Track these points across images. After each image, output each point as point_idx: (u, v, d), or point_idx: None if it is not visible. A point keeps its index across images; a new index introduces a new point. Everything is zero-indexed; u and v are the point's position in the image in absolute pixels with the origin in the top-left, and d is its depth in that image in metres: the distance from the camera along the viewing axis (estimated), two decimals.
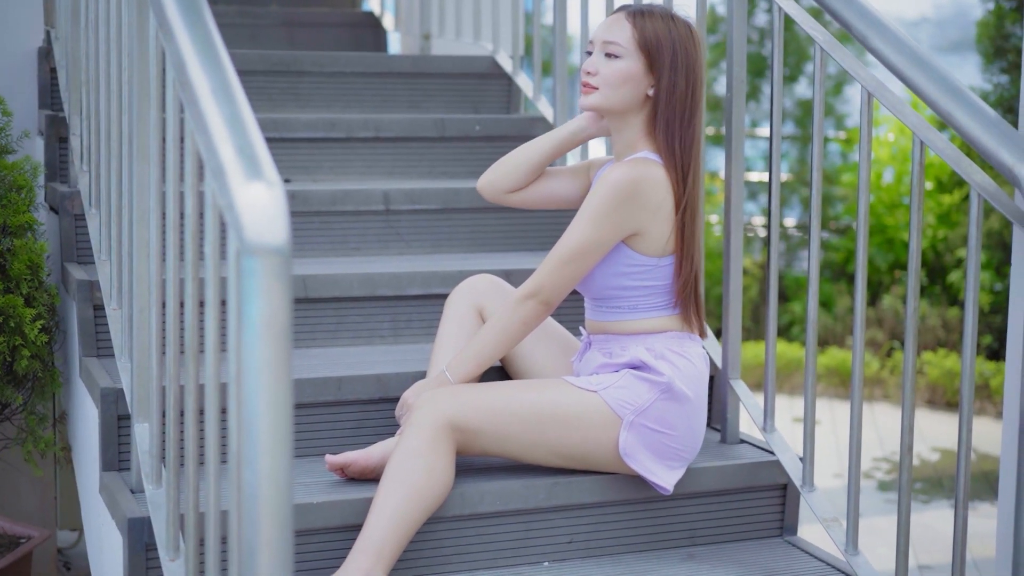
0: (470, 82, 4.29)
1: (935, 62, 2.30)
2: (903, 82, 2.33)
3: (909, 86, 2.31)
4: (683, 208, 2.70)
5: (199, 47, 2.00)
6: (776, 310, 2.91)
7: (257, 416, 1.71)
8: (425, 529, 2.64)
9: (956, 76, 2.25)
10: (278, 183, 1.75)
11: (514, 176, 2.91)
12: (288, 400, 1.72)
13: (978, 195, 2.24)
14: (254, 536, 1.72)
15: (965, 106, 2.21)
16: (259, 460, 1.71)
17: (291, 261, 1.71)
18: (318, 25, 5.57)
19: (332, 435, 2.91)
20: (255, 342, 1.69)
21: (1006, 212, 2.17)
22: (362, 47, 5.55)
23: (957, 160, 2.28)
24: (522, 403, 2.65)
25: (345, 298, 3.22)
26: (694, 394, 2.70)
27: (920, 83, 2.30)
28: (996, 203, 2.19)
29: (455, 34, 4.81)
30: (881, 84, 2.49)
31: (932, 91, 2.27)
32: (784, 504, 2.93)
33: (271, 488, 1.72)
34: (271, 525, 1.72)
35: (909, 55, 2.34)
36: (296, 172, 3.80)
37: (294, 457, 2.81)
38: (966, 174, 2.25)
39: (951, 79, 2.27)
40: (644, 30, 2.69)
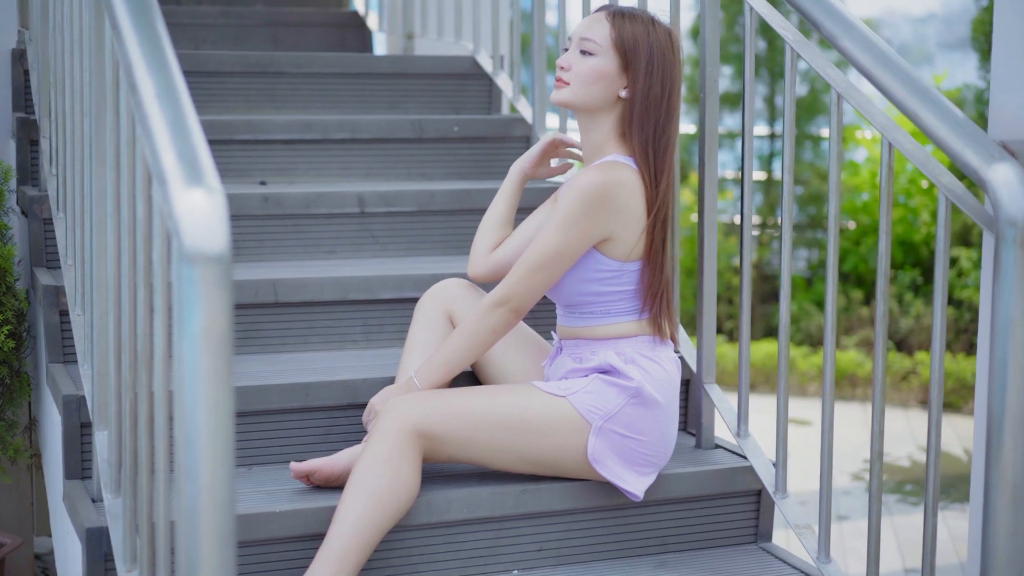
0: (450, 82, 4.25)
1: (902, 62, 2.26)
2: (871, 82, 2.29)
3: (876, 86, 2.27)
4: (655, 212, 2.66)
5: (146, 49, 1.97)
6: (750, 313, 2.87)
7: (197, 427, 1.67)
8: (392, 537, 2.60)
9: (924, 76, 2.20)
10: (219, 190, 1.71)
11: (480, 239, 2.94)
12: (228, 410, 1.68)
13: (945, 198, 2.20)
14: (195, 550, 1.69)
15: (932, 107, 2.17)
16: (199, 472, 1.68)
17: (231, 268, 1.67)
18: (302, 25, 5.53)
19: (300, 441, 2.87)
20: (194, 351, 1.65)
21: (973, 215, 2.13)
22: (347, 47, 5.50)
23: (924, 162, 2.24)
24: (489, 409, 2.61)
25: (316, 302, 3.18)
26: (665, 399, 2.66)
27: (887, 83, 2.26)
28: (963, 206, 2.15)
29: (437, 34, 4.77)
30: (851, 84, 2.44)
31: (899, 91, 2.23)
32: (759, 510, 2.89)
33: (211, 500, 1.68)
34: (212, 538, 1.69)
35: (876, 55, 2.30)
36: (272, 174, 3.76)
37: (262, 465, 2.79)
38: (933, 176, 2.21)
39: (918, 79, 2.22)
40: (622, 31, 2.66)
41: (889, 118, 2.35)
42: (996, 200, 2.03)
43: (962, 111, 2.90)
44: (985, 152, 2.06)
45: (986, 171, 2.05)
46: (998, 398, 2.05)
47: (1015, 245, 2.01)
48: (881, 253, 2.36)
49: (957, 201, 2.16)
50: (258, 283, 3.12)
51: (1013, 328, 2.02)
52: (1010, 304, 2.02)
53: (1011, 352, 2.03)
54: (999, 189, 2.02)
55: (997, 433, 2.06)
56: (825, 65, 2.48)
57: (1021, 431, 2.05)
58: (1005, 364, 2.03)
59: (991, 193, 2.03)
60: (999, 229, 2.02)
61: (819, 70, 2.49)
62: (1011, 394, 2.04)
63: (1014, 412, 2.04)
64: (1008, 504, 2.07)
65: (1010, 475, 2.06)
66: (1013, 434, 2.05)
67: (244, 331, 3.13)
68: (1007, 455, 2.06)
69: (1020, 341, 2.03)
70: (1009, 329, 2.03)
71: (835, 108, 2.47)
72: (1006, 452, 2.06)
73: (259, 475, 2.77)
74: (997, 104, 2.34)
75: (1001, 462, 2.07)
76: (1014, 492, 2.07)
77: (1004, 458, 2.06)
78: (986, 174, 2.05)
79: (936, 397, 2.27)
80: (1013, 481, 2.06)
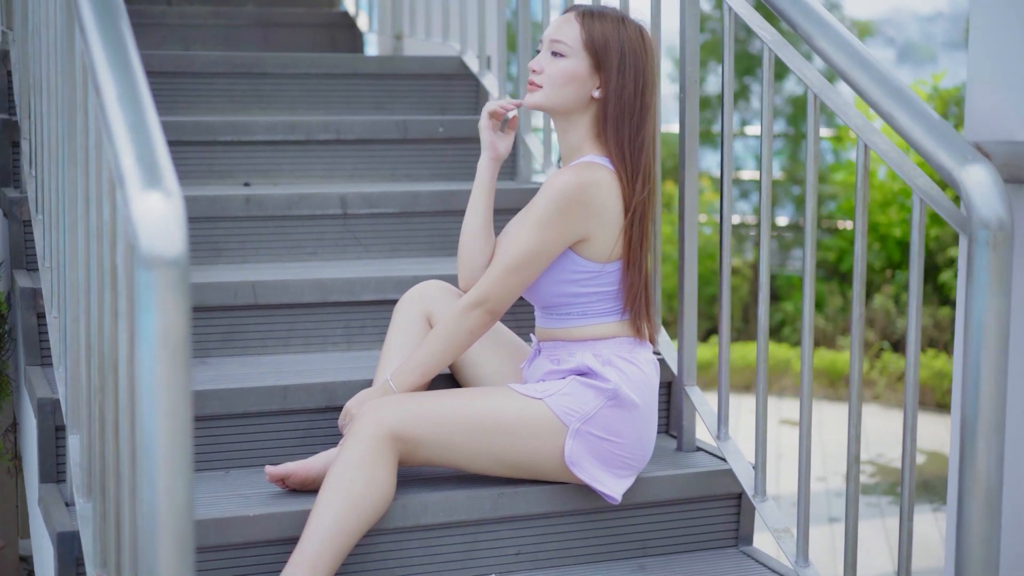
0: (437, 83, 4.23)
1: (877, 63, 2.24)
2: (846, 83, 2.27)
3: (852, 87, 2.26)
4: (632, 213, 2.64)
5: (109, 51, 1.95)
6: (730, 316, 2.85)
7: (154, 432, 1.66)
8: (368, 541, 2.58)
9: (899, 77, 2.18)
10: (176, 193, 1.69)
11: (473, 253, 2.83)
12: (186, 416, 1.67)
13: (920, 200, 2.18)
14: (153, 555, 1.67)
15: (906, 108, 2.15)
16: (157, 477, 1.66)
17: (188, 273, 1.66)
18: (293, 26, 5.51)
19: (278, 445, 2.85)
20: (150, 356, 1.64)
21: (947, 217, 2.11)
22: (338, 48, 5.49)
23: (899, 163, 2.22)
24: (466, 412, 2.59)
25: (297, 304, 3.17)
26: (642, 401, 2.64)
27: (862, 84, 2.24)
28: (937, 208, 2.13)
29: (425, 34, 4.75)
30: (827, 85, 2.43)
31: (874, 92, 2.21)
32: (739, 513, 2.87)
33: (169, 506, 1.67)
34: (170, 543, 1.67)
35: (851, 55, 2.28)
36: (256, 175, 3.74)
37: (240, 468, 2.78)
38: (908, 178, 2.19)
39: (893, 80, 2.21)
40: (592, 31, 2.64)
41: (865, 119, 2.33)
42: (969, 202, 2.01)
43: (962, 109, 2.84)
44: (958, 153, 2.05)
45: (959, 172, 2.03)
46: (971, 401, 2.03)
47: (987, 247, 1.99)
48: (857, 255, 2.34)
49: (931, 203, 2.14)
50: (238, 285, 3.11)
51: (986, 330, 2.00)
52: (983, 306, 2.00)
53: (984, 354, 2.01)
54: (972, 191, 2.00)
55: (970, 436, 2.05)
56: (802, 65, 2.46)
57: (995, 434, 2.03)
58: (978, 366, 2.02)
59: (964, 195, 2.01)
60: (972, 231, 2.00)
61: (795, 70, 2.47)
62: (984, 397, 2.02)
63: (987, 415, 2.03)
64: (982, 508, 2.05)
65: (984, 479, 2.04)
66: (986, 437, 2.03)
67: (224, 333, 3.12)
68: (980, 458, 2.04)
69: (993, 343, 2.01)
70: (982, 331, 2.01)
71: (812, 108, 2.45)
72: (979, 455, 2.04)
73: (236, 478, 2.76)
74: (973, 105, 2.32)
75: (975, 465, 2.05)
76: (987, 496, 2.05)
77: (978, 461, 2.04)
78: (959, 175, 2.03)
79: (912, 401, 2.25)
80: (987, 484, 2.05)
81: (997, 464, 2.04)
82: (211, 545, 2.50)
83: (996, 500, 2.05)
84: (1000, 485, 2.05)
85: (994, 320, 2.00)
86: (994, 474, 2.04)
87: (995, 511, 2.05)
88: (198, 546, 2.49)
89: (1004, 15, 2.28)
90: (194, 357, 3.10)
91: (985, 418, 2.03)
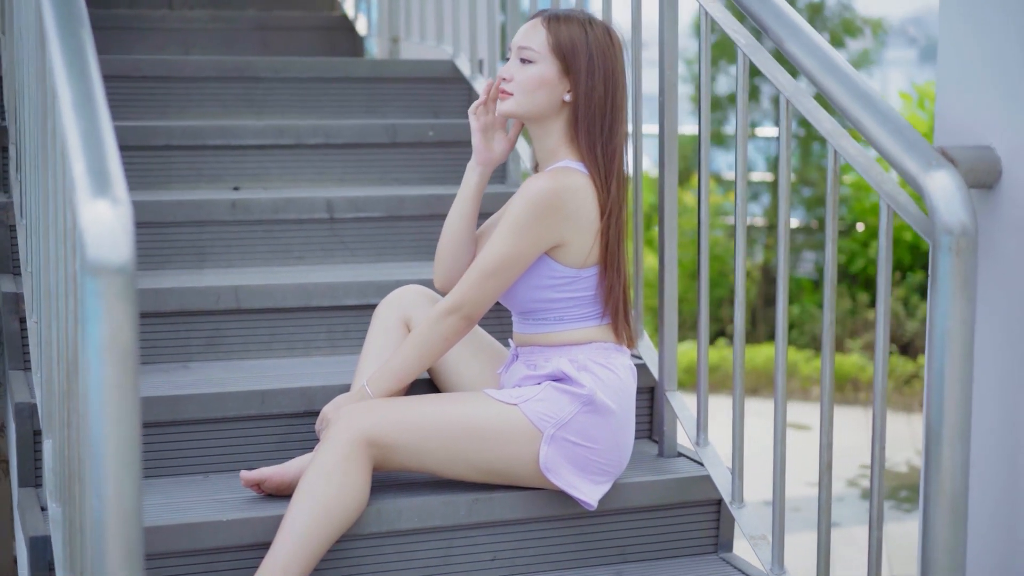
0: (430, 87, 4.23)
1: (846, 67, 2.23)
2: (815, 87, 2.26)
3: (820, 91, 2.24)
4: (608, 216, 2.63)
5: (68, 57, 1.95)
6: (708, 314, 2.84)
7: (101, 438, 1.65)
8: (342, 547, 2.58)
9: (868, 82, 2.17)
10: (125, 201, 1.69)
11: (453, 257, 2.81)
12: (133, 422, 1.67)
13: (887, 206, 2.16)
14: (100, 562, 1.67)
15: (873, 112, 2.14)
16: (104, 484, 1.66)
17: (135, 280, 1.65)
18: (292, 29, 5.52)
19: (257, 449, 2.85)
20: (97, 363, 1.64)
21: (912, 223, 2.09)
22: (337, 51, 5.49)
23: (867, 168, 2.20)
24: (440, 417, 2.58)
25: (279, 309, 3.17)
26: (618, 407, 2.63)
27: (830, 88, 2.22)
28: (904, 214, 2.12)
29: (420, 37, 4.75)
30: (799, 89, 2.41)
31: (842, 96, 2.20)
32: (719, 520, 2.86)
33: (116, 512, 1.67)
34: (118, 550, 1.67)
35: (820, 59, 2.27)
36: (245, 180, 3.75)
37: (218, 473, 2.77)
38: (875, 183, 2.17)
39: (861, 85, 2.19)
40: (559, 35, 2.63)
41: (836, 124, 2.31)
42: (932, 207, 1.99)
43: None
44: (923, 159, 2.03)
45: (923, 178, 2.01)
46: (936, 409, 2.02)
47: (950, 253, 1.97)
48: (827, 260, 2.32)
49: (898, 208, 2.13)
50: (220, 289, 3.11)
51: (950, 337, 1.99)
52: (946, 313, 1.99)
53: (948, 361, 1.99)
54: (935, 196, 1.99)
55: (935, 444, 2.03)
56: (774, 69, 2.45)
57: (960, 442, 2.02)
58: (942, 374, 2.00)
59: (927, 200, 2.00)
60: (935, 237, 1.99)
61: (767, 73, 2.46)
62: (948, 404, 2.00)
63: (952, 422, 2.01)
64: (946, 515, 2.03)
65: (948, 486, 2.03)
66: (951, 445, 2.02)
67: (207, 338, 3.12)
68: (945, 466, 2.03)
69: (957, 351, 1.99)
70: (946, 338, 1.99)
71: (784, 112, 2.44)
72: (944, 463, 2.02)
73: (214, 483, 2.76)
74: (942, 110, 2.30)
75: (940, 473, 2.03)
76: (952, 503, 2.03)
77: (943, 469, 2.03)
78: (923, 181, 2.01)
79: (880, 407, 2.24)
80: (952, 492, 2.03)
81: (962, 472, 2.03)
82: (184, 550, 2.50)
83: (961, 508, 2.03)
84: (965, 493, 2.03)
85: (958, 327, 1.99)
86: (959, 482, 2.03)
87: (960, 519, 2.03)
88: (172, 551, 2.49)
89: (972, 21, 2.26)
90: (177, 362, 3.10)
91: (950, 425, 2.01)
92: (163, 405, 2.77)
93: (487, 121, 2.79)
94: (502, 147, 2.80)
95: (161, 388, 2.83)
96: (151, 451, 2.78)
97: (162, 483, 2.75)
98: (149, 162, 3.63)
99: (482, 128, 2.78)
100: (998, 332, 2.25)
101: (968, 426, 2.01)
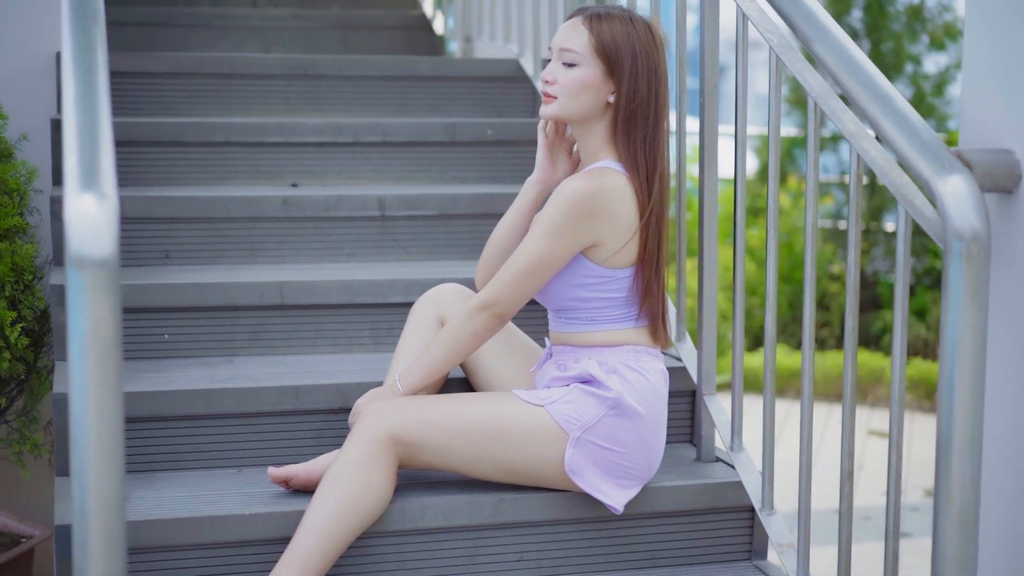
0: (494, 86, 4.22)
1: (869, 68, 2.17)
2: (838, 86, 2.21)
3: (843, 91, 2.19)
4: (647, 217, 2.60)
5: (76, 52, 1.98)
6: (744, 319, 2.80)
7: (84, 431, 1.68)
8: (365, 543, 2.59)
9: (890, 84, 2.12)
10: (111, 196, 1.71)
11: (495, 262, 2.80)
12: (116, 415, 1.69)
13: (905, 211, 2.11)
14: (83, 553, 1.69)
15: (890, 113, 2.08)
16: (86, 475, 1.69)
17: (117, 274, 1.68)
18: (373, 28, 5.54)
19: (290, 445, 2.87)
20: (79, 355, 1.66)
21: (927, 227, 2.04)
22: (417, 50, 5.50)
23: (887, 171, 2.15)
24: (466, 417, 2.58)
25: (323, 305, 3.18)
26: (647, 411, 2.60)
27: (851, 88, 2.17)
28: (920, 219, 2.06)
29: (490, 37, 4.75)
30: (827, 90, 2.36)
31: (861, 97, 2.15)
32: (753, 527, 2.81)
33: (98, 504, 1.69)
34: (99, 541, 1.69)
35: (844, 59, 2.22)
36: (303, 176, 3.77)
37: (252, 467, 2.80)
38: (893, 187, 2.12)
39: (881, 85, 2.14)
40: (602, 35, 2.59)
41: (861, 125, 2.27)
42: (944, 212, 1.94)
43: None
44: (936, 162, 1.97)
45: (936, 181, 1.96)
46: (946, 420, 1.96)
47: (962, 259, 1.91)
48: (850, 264, 2.27)
49: (913, 212, 2.07)
50: (264, 285, 3.14)
51: (960, 345, 1.93)
52: (957, 320, 1.93)
53: (958, 371, 1.94)
54: (946, 200, 1.93)
55: (945, 456, 1.97)
56: (804, 70, 2.41)
57: (970, 454, 1.96)
58: (952, 383, 1.94)
59: (939, 205, 1.94)
60: (947, 242, 1.93)
61: (796, 74, 2.42)
62: (959, 415, 1.95)
63: (962, 433, 1.95)
64: (956, 529, 1.97)
65: (958, 500, 1.97)
66: (961, 457, 1.96)
67: (250, 333, 3.15)
68: (955, 478, 1.97)
69: (967, 359, 1.93)
70: (956, 346, 1.93)
71: (812, 114, 2.39)
72: (954, 476, 1.97)
73: (248, 476, 2.78)
74: (966, 112, 2.23)
75: (949, 485, 1.97)
76: (962, 517, 1.97)
77: (952, 482, 1.97)
78: (935, 184, 1.96)
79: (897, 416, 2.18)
80: (961, 505, 1.97)
81: (973, 484, 1.97)
82: (208, 542, 2.53)
83: (972, 521, 1.97)
84: (976, 506, 1.97)
85: (969, 335, 1.93)
86: (969, 495, 1.97)
87: (971, 533, 1.98)
88: (196, 543, 2.52)
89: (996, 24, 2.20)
90: (221, 356, 3.14)
91: (959, 436, 1.95)
92: (198, 398, 2.80)
93: (555, 140, 2.76)
94: (565, 169, 2.78)
95: (198, 381, 2.86)
96: (186, 444, 2.81)
97: (196, 475, 2.79)
98: (207, 158, 3.68)
99: (549, 146, 2.76)
100: (1018, 340, 2.18)
101: (979, 437, 1.95)
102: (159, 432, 2.81)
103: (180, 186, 3.64)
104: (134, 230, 3.35)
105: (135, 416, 2.78)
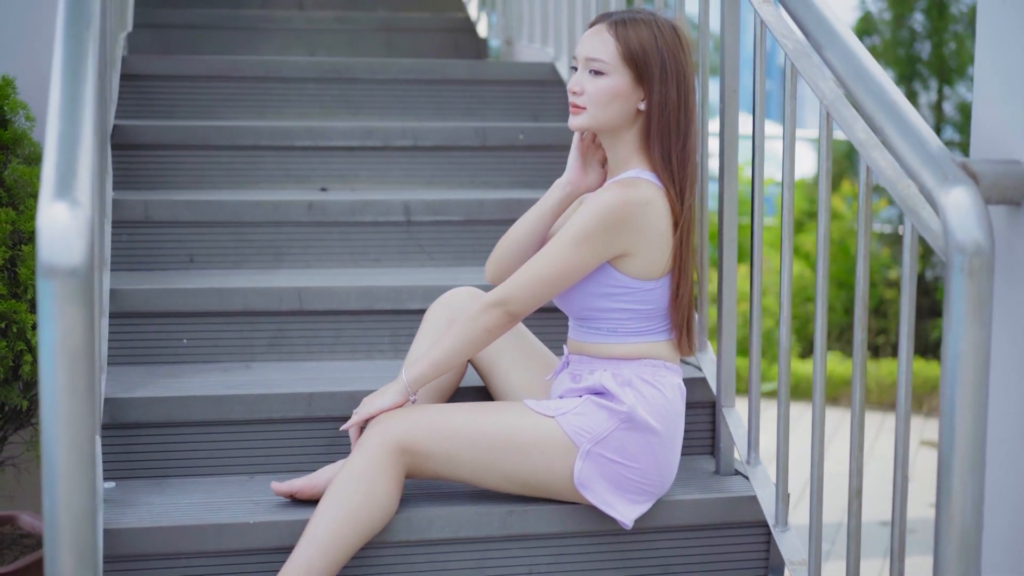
0: (530, 89, 4.19)
1: (878, 75, 2.11)
2: (846, 94, 2.15)
3: (851, 98, 2.14)
4: (680, 226, 2.54)
5: (66, 59, 1.97)
6: (760, 330, 2.74)
7: (52, 441, 1.67)
8: (371, 553, 2.56)
9: (898, 92, 2.05)
10: (86, 204, 1.70)
11: (510, 261, 2.76)
12: (87, 425, 1.67)
13: (911, 224, 2.05)
14: (54, 564, 1.68)
15: (896, 122, 2.02)
16: (56, 486, 1.67)
17: (89, 282, 1.66)
18: (418, 31, 5.53)
19: (303, 452, 2.85)
20: (49, 365, 1.65)
21: (930, 240, 1.97)
22: (461, 53, 5.48)
23: (894, 181, 2.09)
24: (475, 426, 2.54)
25: (343, 311, 3.16)
26: (662, 426, 2.54)
27: (859, 96, 2.11)
28: (924, 231, 2.00)
29: (528, 40, 4.71)
30: (839, 98, 2.30)
31: (868, 104, 2.09)
32: (769, 543, 2.75)
33: (67, 515, 1.68)
34: (69, 552, 1.68)
35: (853, 66, 2.16)
36: (332, 180, 3.76)
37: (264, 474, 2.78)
38: (899, 197, 2.06)
39: (889, 94, 2.07)
40: (628, 42, 2.53)
41: (871, 134, 2.20)
42: (946, 225, 1.87)
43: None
44: (939, 173, 1.91)
45: (938, 193, 1.89)
46: (947, 440, 1.90)
47: (963, 273, 1.85)
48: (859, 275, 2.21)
49: (918, 224, 2.01)
50: (283, 291, 3.12)
51: (962, 363, 1.87)
52: (959, 337, 1.86)
53: (959, 390, 1.87)
54: (949, 213, 1.87)
55: (946, 476, 1.91)
56: (817, 77, 2.35)
57: (971, 475, 1.89)
58: (953, 402, 1.88)
59: (942, 217, 1.88)
60: (949, 256, 1.87)
61: (809, 81, 2.36)
62: (960, 434, 1.88)
63: (963, 454, 1.89)
64: (957, 552, 1.91)
65: (959, 521, 1.90)
66: (962, 478, 1.89)
67: (269, 338, 3.14)
68: (956, 500, 1.90)
69: (970, 377, 1.87)
70: (958, 365, 1.87)
71: (823, 123, 2.33)
72: (955, 497, 1.90)
73: (258, 484, 2.76)
74: (978, 122, 2.16)
75: (951, 507, 1.91)
76: (963, 539, 1.90)
77: (953, 503, 1.90)
78: (938, 196, 1.89)
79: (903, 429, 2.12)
80: (962, 528, 1.90)
81: (975, 507, 1.90)
82: (212, 550, 2.51)
83: (974, 544, 1.91)
84: (979, 529, 1.91)
85: (971, 352, 1.86)
86: (971, 517, 1.90)
87: (972, 556, 1.91)
88: (201, 551, 2.51)
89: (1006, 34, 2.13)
90: (239, 361, 3.13)
91: (961, 456, 1.89)
92: (210, 405, 2.79)
93: (591, 146, 2.72)
94: (596, 179, 2.73)
95: (212, 388, 2.85)
96: (199, 450, 2.80)
97: (207, 482, 2.77)
98: (235, 162, 3.67)
99: (583, 150, 2.72)
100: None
101: (981, 458, 1.89)
102: (172, 438, 2.80)
103: (208, 190, 3.64)
104: (159, 233, 3.35)
105: (148, 421, 2.77)
